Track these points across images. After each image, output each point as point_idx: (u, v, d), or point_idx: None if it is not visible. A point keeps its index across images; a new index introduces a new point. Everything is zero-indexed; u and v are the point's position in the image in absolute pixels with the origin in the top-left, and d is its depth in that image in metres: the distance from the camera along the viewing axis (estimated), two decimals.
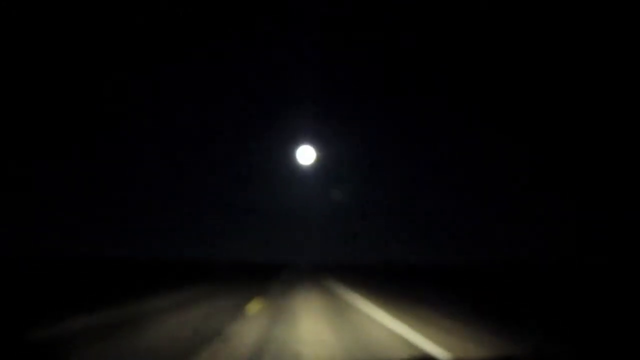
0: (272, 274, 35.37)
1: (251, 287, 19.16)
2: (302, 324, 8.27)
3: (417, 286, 21.12)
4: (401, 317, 9.27)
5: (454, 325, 8.33)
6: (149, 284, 19.45)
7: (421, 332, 7.40)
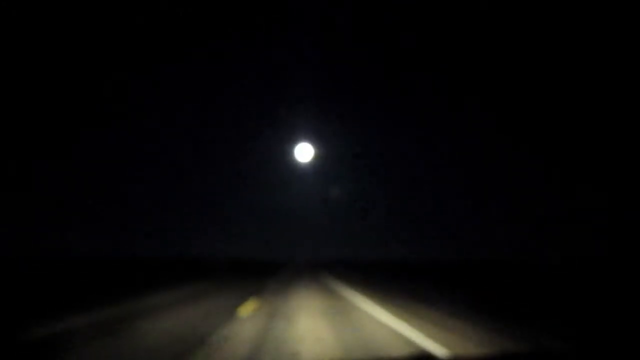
0: (271, 272, 35.39)
1: (250, 284, 19.13)
2: (300, 321, 8.23)
3: (417, 284, 21.09)
4: (401, 315, 9.24)
5: (454, 323, 8.30)
6: (148, 284, 19.46)
7: (422, 330, 7.37)
